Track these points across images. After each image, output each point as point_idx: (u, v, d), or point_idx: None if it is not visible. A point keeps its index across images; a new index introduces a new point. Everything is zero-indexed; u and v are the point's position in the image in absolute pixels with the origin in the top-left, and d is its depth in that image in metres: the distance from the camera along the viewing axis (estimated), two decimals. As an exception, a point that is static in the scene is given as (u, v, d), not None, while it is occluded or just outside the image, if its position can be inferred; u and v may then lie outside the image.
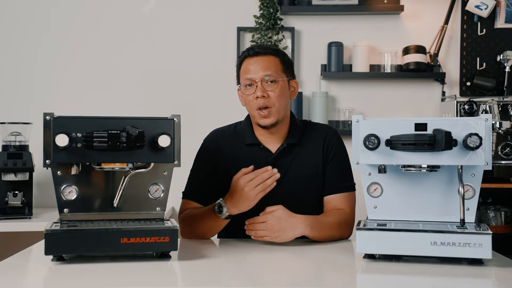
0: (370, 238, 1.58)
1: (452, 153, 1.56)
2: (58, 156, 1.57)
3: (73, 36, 3.44)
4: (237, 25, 3.43)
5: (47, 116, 1.59)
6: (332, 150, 2.03)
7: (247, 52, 2.00)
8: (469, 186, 1.64)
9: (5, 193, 2.85)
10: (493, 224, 3.15)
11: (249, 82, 1.96)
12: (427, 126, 1.57)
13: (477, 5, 3.34)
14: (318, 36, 3.46)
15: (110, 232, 1.57)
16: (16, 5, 3.43)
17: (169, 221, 1.68)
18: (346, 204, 1.99)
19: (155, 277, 1.46)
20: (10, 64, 3.43)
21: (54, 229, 1.55)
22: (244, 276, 1.54)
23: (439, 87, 3.44)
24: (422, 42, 3.41)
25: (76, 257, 1.62)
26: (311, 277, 1.54)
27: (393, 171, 1.68)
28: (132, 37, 3.45)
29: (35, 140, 2.92)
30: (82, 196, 1.68)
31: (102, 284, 1.42)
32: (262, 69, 1.95)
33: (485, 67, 3.43)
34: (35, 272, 1.56)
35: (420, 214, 1.68)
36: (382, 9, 3.38)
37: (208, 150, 2.05)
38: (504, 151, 3.02)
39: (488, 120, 1.56)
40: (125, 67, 3.45)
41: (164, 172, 1.73)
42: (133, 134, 1.57)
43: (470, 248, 1.53)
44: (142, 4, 3.46)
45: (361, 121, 1.62)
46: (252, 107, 1.96)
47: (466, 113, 3.07)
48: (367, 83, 3.48)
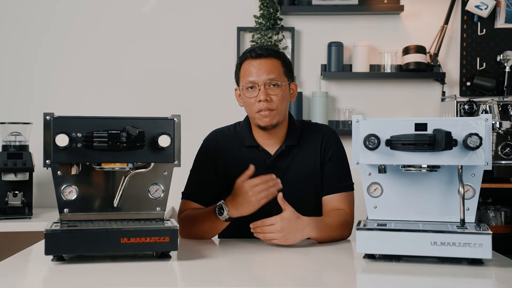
0: (370, 238, 1.58)
1: (452, 153, 1.56)
2: (58, 156, 1.57)
3: (73, 36, 3.44)
4: (237, 25, 3.43)
5: (47, 116, 1.59)
6: (329, 150, 2.03)
7: (248, 54, 1.98)
8: (469, 186, 1.64)
9: (5, 193, 2.85)
10: (493, 224, 3.15)
11: (251, 85, 1.95)
12: (427, 126, 1.57)
13: (477, 5, 3.34)
14: (318, 36, 3.46)
15: (110, 232, 1.57)
16: (16, 5, 3.43)
17: (169, 221, 1.68)
18: (345, 204, 1.99)
19: (155, 277, 1.46)
20: (10, 64, 3.43)
21: (54, 229, 1.55)
22: (244, 276, 1.54)
23: (439, 87, 3.44)
24: (422, 42, 3.41)
25: (76, 257, 1.62)
26: (311, 277, 1.54)
27: (393, 171, 1.68)
28: (132, 37, 3.45)
29: (35, 140, 2.92)
30: (82, 196, 1.68)
31: (102, 284, 1.42)
32: (266, 72, 1.94)
33: (485, 67, 3.43)
34: (35, 272, 1.56)
35: (420, 214, 1.68)
36: (382, 9, 3.38)
37: (208, 151, 2.05)
38: (504, 151, 3.02)
39: (488, 120, 1.56)
40: (125, 67, 3.45)
41: (164, 172, 1.73)
42: (133, 134, 1.57)
43: (470, 248, 1.53)
44: (142, 4, 3.46)
45: (361, 121, 1.62)
46: (253, 109, 1.96)
47: (466, 113, 3.07)
48: (367, 83, 3.48)
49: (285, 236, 1.79)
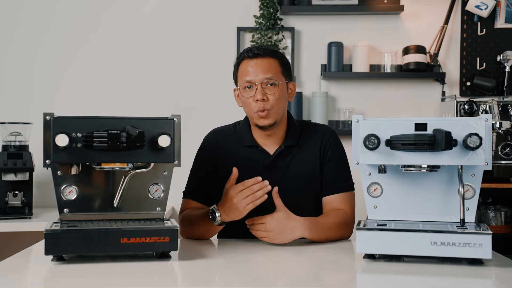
0: (370, 238, 1.58)
1: (452, 153, 1.56)
2: (58, 156, 1.57)
3: (73, 36, 3.44)
4: (237, 25, 3.43)
5: (47, 116, 1.59)
6: (329, 151, 2.02)
7: (246, 54, 1.98)
8: (469, 186, 1.64)
9: (5, 193, 2.85)
10: (493, 224, 3.15)
11: (249, 84, 1.95)
12: (427, 126, 1.57)
13: (477, 5, 3.34)
14: (318, 36, 3.46)
15: (110, 232, 1.57)
16: (16, 5, 3.43)
17: (169, 221, 1.68)
18: (346, 204, 1.99)
19: (155, 277, 1.46)
20: (10, 64, 3.43)
21: (54, 229, 1.55)
22: (244, 276, 1.54)
23: (439, 87, 3.44)
24: (422, 42, 3.41)
25: (76, 257, 1.62)
26: (311, 277, 1.54)
27: (393, 171, 1.68)
28: (132, 37, 3.45)
29: (35, 140, 2.92)
30: (82, 196, 1.68)
31: (102, 284, 1.42)
32: (263, 71, 1.94)
33: (485, 67, 3.43)
34: (35, 272, 1.56)
35: (420, 214, 1.68)
36: (382, 9, 3.38)
37: (208, 149, 2.05)
38: (504, 151, 3.02)
39: (488, 120, 1.56)
40: (125, 67, 3.45)
41: (164, 172, 1.73)
42: (133, 134, 1.57)
43: (470, 248, 1.53)
44: (142, 4, 3.46)
45: (361, 121, 1.62)
46: (251, 109, 1.96)
47: (466, 113, 3.07)
48: (367, 83, 3.48)
49: (274, 235, 1.80)
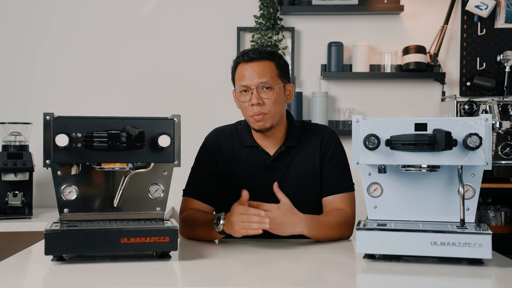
0: (370, 238, 1.58)
1: (452, 153, 1.56)
2: (58, 156, 1.57)
3: (73, 36, 3.44)
4: (237, 25, 3.43)
5: (47, 116, 1.59)
6: (329, 151, 2.02)
7: (241, 57, 1.97)
8: (469, 186, 1.64)
9: (5, 193, 2.85)
10: (493, 224, 3.15)
11: (244, 89, 1.95)
12: (427, 126, 1.57)
13: (477, 5, 3.34)
14: (318, 36, 3.46)
15: (110, 232, 1.57)
16: (16, 5, 3.43)
17: (169, 221, 1.68)
18: (346, 204, 1.99)
19: (155, 277, 1.46)
20: (10, 64, 3.43)
21: (54, 229, 1.55)
22: (244, 276, 1.54)
23: (439, 87, 3.45)
24: (422, 42, 3.41)
25: (76, 257, 1.62)
26: (311, 277, 1.54)
27: (393, 171, 1.68)
28: (132, 37, 3.45)
29: (35, 140, 2.92)
30: (82, 196, 1.68)
31: (102, 284, 1.42)
32: (258, 76, 1.93)
33: (485, 67, 3.43)
34: (35, 272, 1.56)
35: (420, 214, 1.68)
36: (382, 9, 3.38)
37: (209, 148, 2.05)
38: (504, 151, 3.02)
39: (488, 120, 1.56)
40: (125, 67, 3.45)
41: (164, 172, 1.73)
42: (133, 134, 1.57)
43: (470, 248, 1.53)
44: (142, 4, 3.46)
45: (361, 121, 1.62)
46: (247, 113, 1.96)
47: (466, 113, 3.07)
48: (367, 83, 3.48)
49: (275, 226, 1.76)
